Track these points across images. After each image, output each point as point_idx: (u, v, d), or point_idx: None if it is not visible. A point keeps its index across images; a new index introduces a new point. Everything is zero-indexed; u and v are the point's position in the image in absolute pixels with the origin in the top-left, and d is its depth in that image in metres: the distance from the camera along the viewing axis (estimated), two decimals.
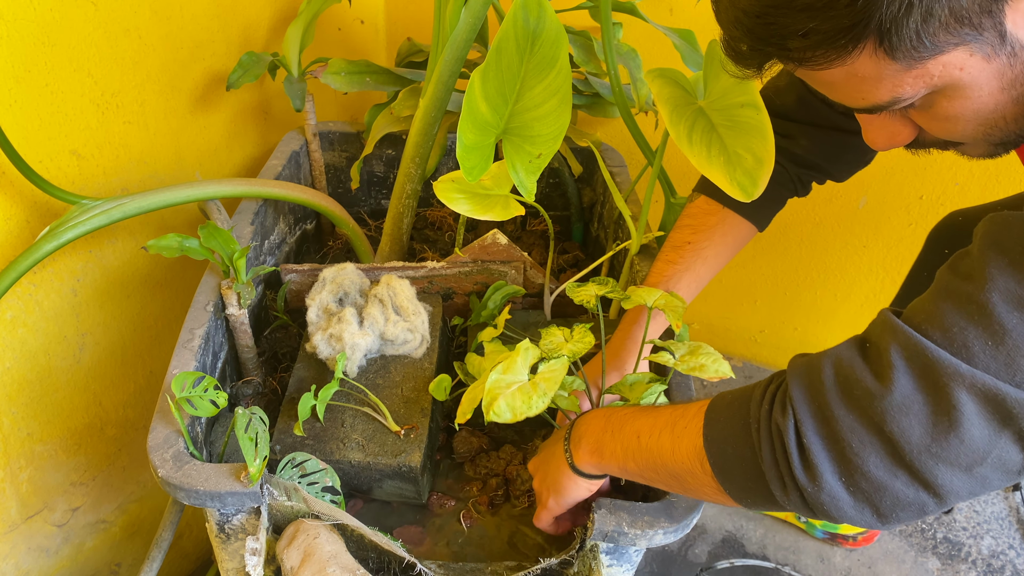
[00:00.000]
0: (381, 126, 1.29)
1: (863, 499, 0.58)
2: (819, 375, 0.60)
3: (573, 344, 0.85)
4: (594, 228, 1.39)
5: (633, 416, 0.77)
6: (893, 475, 0.56)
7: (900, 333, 0.56)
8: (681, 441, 0.69)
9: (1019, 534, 1.42)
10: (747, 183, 0.86)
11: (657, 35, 1.24)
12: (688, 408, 0.72)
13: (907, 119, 0.61)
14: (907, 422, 0.54)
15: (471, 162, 0.95)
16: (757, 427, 0.63)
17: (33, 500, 1.13)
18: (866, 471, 0.56)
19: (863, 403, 0.56)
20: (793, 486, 0.60)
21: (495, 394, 0.78)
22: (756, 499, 0.65)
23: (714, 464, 0.66)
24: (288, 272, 1.14)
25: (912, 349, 0.55)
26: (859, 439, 0.56)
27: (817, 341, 1.63)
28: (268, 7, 1.33)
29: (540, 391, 0.78)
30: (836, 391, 0.58)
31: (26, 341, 1.04)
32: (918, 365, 0.55)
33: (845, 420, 0.57)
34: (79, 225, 0.94)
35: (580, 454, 0.80)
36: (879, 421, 0.55)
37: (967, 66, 0.53)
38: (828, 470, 0.58)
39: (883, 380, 0.56)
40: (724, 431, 0.66)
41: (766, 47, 0.56)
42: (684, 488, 0.72)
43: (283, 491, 0.78)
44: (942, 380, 0.53)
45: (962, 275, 0.56)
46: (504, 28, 0.89)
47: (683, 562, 1.36)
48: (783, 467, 0.60)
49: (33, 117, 0.96)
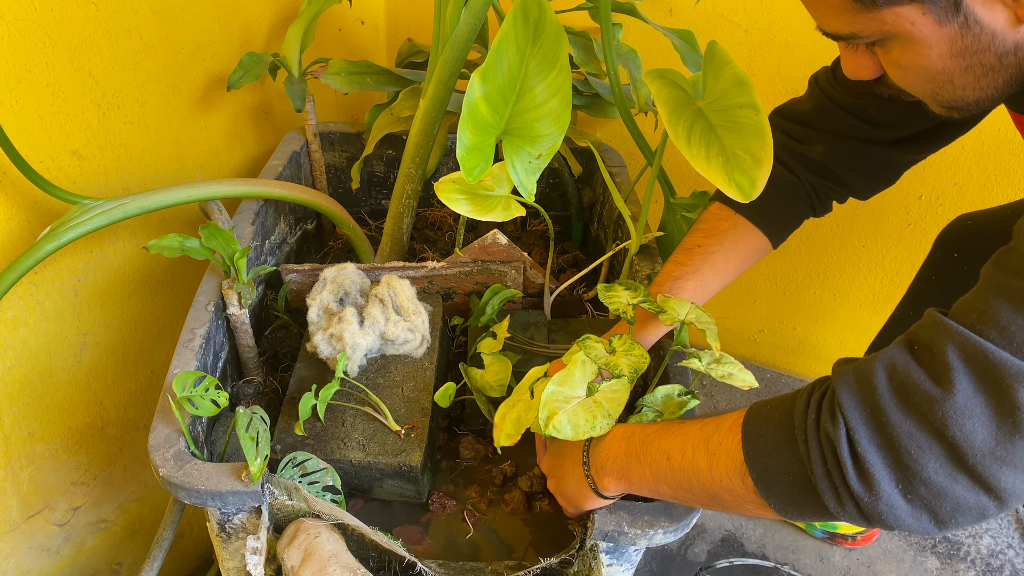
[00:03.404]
0: (381, 126, 1.29)
1: (922, 506, 0.56)
2: (870, 380, 0.58)
3: (629, 359, 0.82)
4: (594, 228, 1.40)
5: (657, 436, 0.74)
6: (954, 480, 0.55)
7: (956, 334, 0.55)
8: (718, 458, 0.67)
9: (1018, 534, 1.42)
10: (745, 184, 0.86)
11: (657, 36, 1.25)
12: (720, 423, 0.69)
13: (872, 55, 0.65)
14: (970, 425, 0.53)
15: (471, 163, 0.95)
16: (804, 437, 0.61)
17: (34, 499, 1.14)
18: (926, 477, 0.55)
19: (922, 408, 0.55)
20: (848, 496, 0.58)
21: (554, 409, 0.76)
22: (805, 512, 0.63)
23: (757, 479, 0.64)
24: (289, 272, 1.14)
25: (971, 350, 0.54)
26: (918, 445, 0.55)
27: (816, 341, 1.63)
28: (269, 8, 1.34)
29: (604, 411, 0.77)
30: (891, 396, 0.57)
31: (27, 341, 1.05)
32: (979, 367, 0.54)
33: (903, 426, 0.56)
34: (80, 225, 0.94)
35: (605, 481, 0.77)
36: (939, 426, 0.54)
37: (917, 22, 0.57)
38: (885, 478, 0.56)
39: (942, 383, 0.54)
40: (767, 444, 0.64)
41: None
42: (722, 506, 0.70)
43: (284, 490, 0.79)
44: (1005, 381, 0.52)
45: (1012, 271, 0.55)
46: (504, 28, 0.90)
47: (683, 561, 1.36)
48: (836, 477, 0.59)
49: (34, 117, 0.96)
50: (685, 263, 0.96)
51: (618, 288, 0.93)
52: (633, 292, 0.93)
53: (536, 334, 1.12)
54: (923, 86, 0.63)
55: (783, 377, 1.72)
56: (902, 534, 1.41)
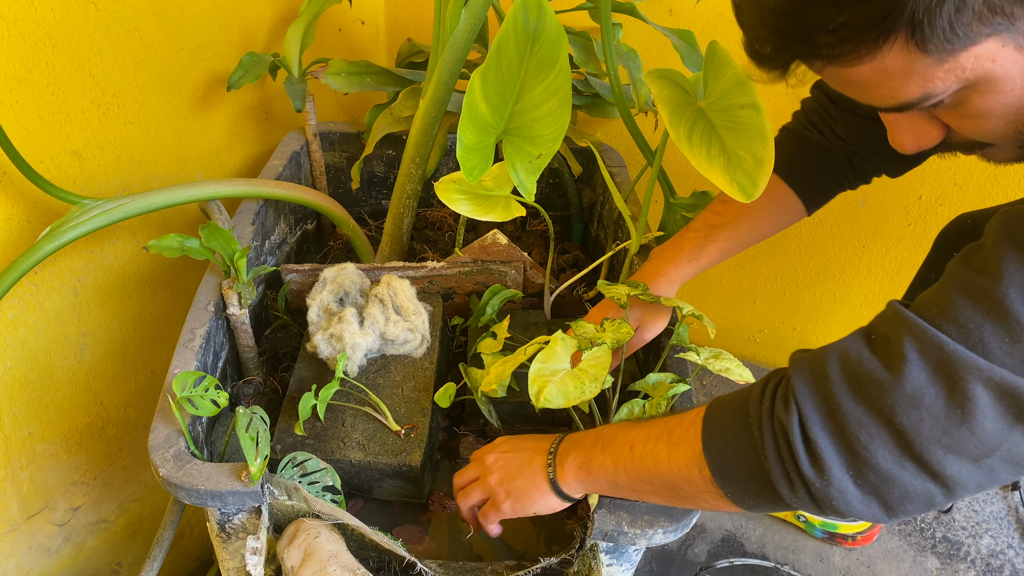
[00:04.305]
0: (381, 126, 1.29)
1: (871, 492, 0.57)
2: (823, 368, 0.59)
3: (613, 333, 0.86)
4: (594, 228, 1.40)
5: (626, 428, 0.75)
6: (901, 467, 0.56)
7: (914, 326, 0.56)
8: (678, 448, 0.68)
9: (1018, 533, 1.42)
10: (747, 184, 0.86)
11: (657, 36, 1.24)
12: (684, 416, 0.70)
13: (935, 119, 0.60)
14: (918, 414, 0.54)
15: (471, 162, 0.96)
16: (759, 424, 0.62)
17: (34, 499, 1.14)
18: (875, 463, 0.56)
19: (872, 395, 0.56)
20: (800, 482, 0.59)
21: (543, 382, 0.78)
22: (759, 500, 0.64)
23: (714, 468, 0.65)
24: (289, 272, 1.14)
25: (927, 342, 0.55)
26: (867, 431, 0.56)
27: (816, 341, 1.63)
28: (269, 8, 1.34)
29: (590, 377, 0.79)
30: (843, 383, 0.58)
31: (27, 341, 1.05)
32: (933, 358, 0.54)
33: (853, 412, 0.56)
34: (80, 225, 0.94)
35: (565, 470, 0.77)
36: (889, 413, 0.55)
37: (999, 57, 0.51)
38: (836, 463, 0.57)
39: (894, 371, 0.55)
40: (724, 433, 0.65)
41: (794, 45, 0.55)
42: (680, 498, 0.71)
43: (284, 490, 0.79)
44: (958, 373, 0.53)
45: (976, 269, 0.56)
46: (504, 29, 0.90)
47: (682, 561, 1.36)
48: (788, 463, 0.59)
49: (34, 117, 0.96)
50: (723, 213, 0.96)
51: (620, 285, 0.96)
52: (632, 288, 0.95)
53: (536, 334, 1.12)
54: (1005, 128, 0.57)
55: None
56: (902, 533, 1.41)
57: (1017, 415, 0.53)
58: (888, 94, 0.55)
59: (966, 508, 1.46)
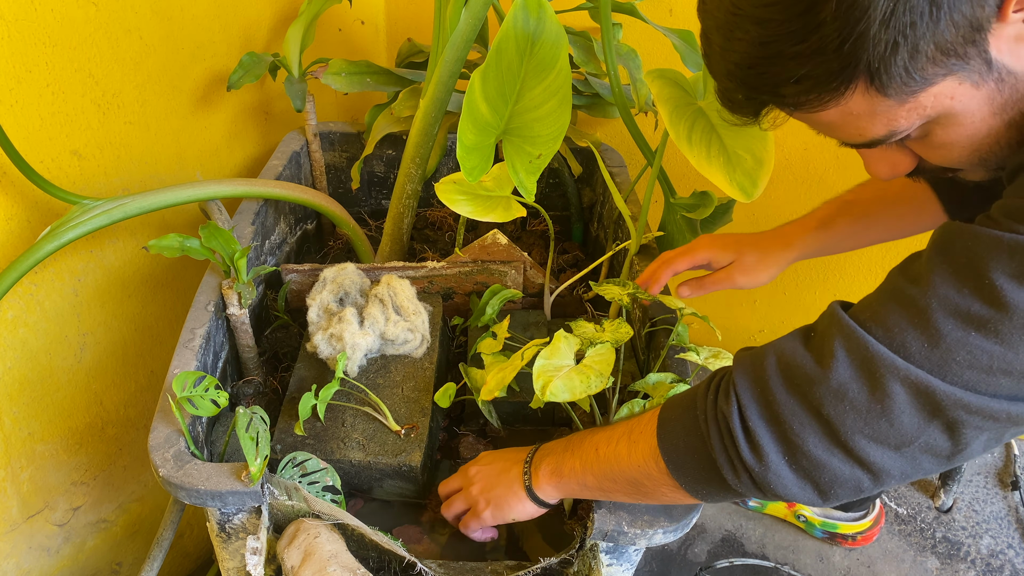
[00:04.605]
0: (381, 126, 1.29)
1: (805, 476, 0.62)
2: (762, 363, 0.64)
3: (614, 332, 0.88)
4: (594, 228, 1.40)
5: (592, 432, 0.80)
6: (830, 453, 0.60)
7: (845, 327, 0.60)
8: (637, 445, 0.73)
9: (1018, 534, 1.42)
10: (747, 184, 0.86)
11: (657, 36, 1.24)
12: (644, 415, 0.75)
13: (906, 149, 0.64)
14: (842, 406, 0.58)
15: (471, 163, 0.96)
16: (704, 417, 0.66)
17: (34, 499, 1.14)
18: (806, 450, 0.60)
19: (803, 388, 0.60)
20: (742, 467, 0.63)
21: (548, 377, 0.80)
22: (710, 488, 0.68)
23: (668, 460, 0.69)
24: (289, 272, 1.14)
25: (854, 342, 0.59)
26: (799, 420, 0.60)
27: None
28: (269, 8, 1.34)
29: (596, 372, 0.81)
30: (778, 377, 0.62)
31: (27, 341, 1.05)
32: (858, 357, 0.58)
33: (786, 403, 0.61)
34: (80, 225, 0.94)
35: (539, 475, 0.81)
36: (817, 404, 0.59)
37: (957, 94, 0.55)
38: (773, 450, 0.62)
39: (823, 367, 0.60)
40: (675, 427, 0.70)
41: (760, 95, 0.59)
42: (642, 492, 0.74)
43: (284, 490, 0.79)
44: (879, 371, 0.57)
45: (909, 277, 0.59)
46: (504, 29, 0.89)
47: (683, 561, 1.36)
48: (731, 451, 0.64)
49: (34, 117, 0.96)
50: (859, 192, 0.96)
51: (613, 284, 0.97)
52: (622, 287, 0.97)
53: (536, 334, 1.12)
54: (970, 156, 0.61)
55: None
56: (902, 533, 1.41)
57: (932, 411, 0.56)
58: (856, 133, 0.59)
59: (966, 508, 1.46)
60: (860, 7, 0.49)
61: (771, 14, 0.53)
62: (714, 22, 0.58)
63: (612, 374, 0.83)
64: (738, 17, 0.55)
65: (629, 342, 1.08)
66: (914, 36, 0.50)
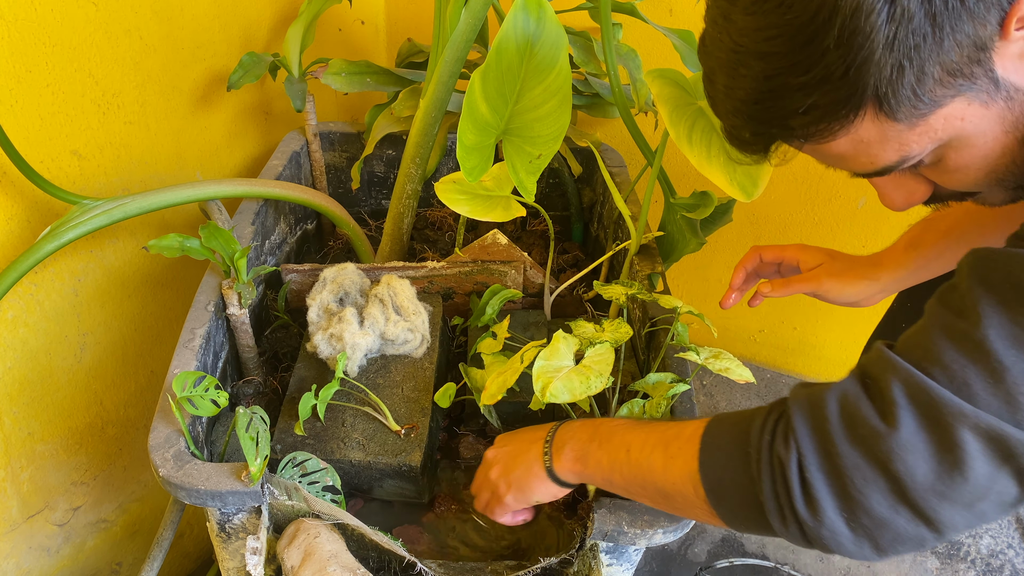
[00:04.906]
0: (381, 126, 1.29)
1: (863, 534, 0.58)
2: (823, 410, 0.60)
3: (613, 332, 0.87)
4: (594, 228, 1.40)
5: (623, 429, 0.76)
6: (895, 512, 0.57)
7: (901, 370, 0.57)
8: (674, 462, 0.69)
9: (1018, 534, 1.42)
10: (747, 183, 0.86)
11: (657, 36, 1.24)
12: (683, 428, 0.71)
13: (920, 176, 0.62)
14: (912, 460, 0.55)
15: (471, 163, 0.95)
16: (758, 457, 0.63)
17: (34, 499, 1.14)
18: (868, 507, 0.57)
19: (868, 441, 0.57)
20: (793, 519, 0.60)
21: (548, 378, 0.79)
22: (750, 525, 0.65)
23: (709, 489, 0.66)
24: (289, 272, 1.14)
25: (915, 387, 0.56)
26: (863, 476, 0.57)
27: (816, 341, 1.63)
28: (268, 8, 1.34)
29: (595, 373, 0.80)
30: (841, 427, 0.58)
31: (27, 341, 1.05)
32: (921, 404, 0.55)
33: (849, 457, 0.57)
34: (80, 225, 0.94)
35: (561, 460, 0.78)
36: (884, 459, 0.56)
37: (967, 115, 0.54)
38: (830, 506, 0.58)
39: (888, 419, 0.56)
40: (722, 459, 0.66)
41: (769, 129, 0.57)
42: (671, 506, 0.72)
43: (284, 490, 0.79)
44: (946, 420, 0.54)
45: (955, 311, 0.57)
46: (504, 29, 0.89)
47: (683, 561, 1.36)
48: (783, 500, 0.60)
49: (34, 117, 0.96)
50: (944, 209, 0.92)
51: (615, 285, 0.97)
52: (627, 287, 0.96)
53: (536, 334, 1.12)
54: (987, 178, 0.59)
55: (783, 377, 1.72)
56: None
57: (1003, 459, 0.54)
58: (867, 161, 0.58)
59: None
60: (862, 33, 0.49)
61: (774, 47, 0.52)
62: (716, 62, 0.58)
63: (612, 374, 0.83)
64: (740, 54, 0.54)
65: (629, 342, 1.08)
66: (919, 58, 0.50)
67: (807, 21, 0.50)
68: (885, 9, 0.48)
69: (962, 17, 0.49)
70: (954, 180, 0.60)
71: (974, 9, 0.49)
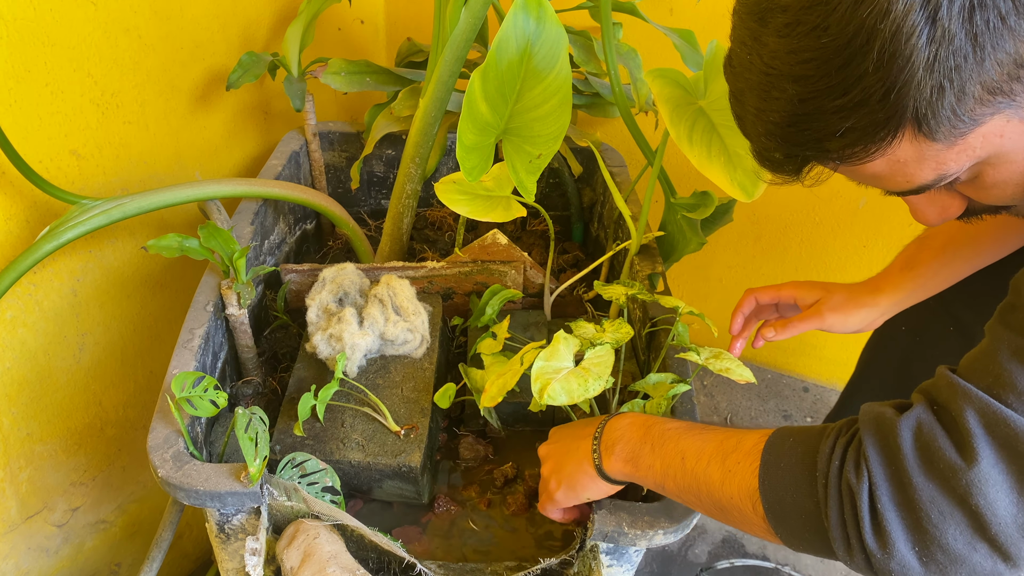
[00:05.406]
0: (381, 126, 1.29)
1: (937, 570, 0.56)
2: (896, 439, 0.58)
3: (614, 332, 0.87)
4: (594, 228, 1.39)
5: (677, 434, 0.74)
6: (973, 548, 0.55)
7: (975, 399, 0.55)
8: (733, 476, 0.67)
9: None
10: (747, 183, 0.86)
11: (657, 35, 1.24)
12: (742, 440, 0.69)
13: (954, 192, 0.61)
14: (993, 495, 0.54)
15: (471, 162, 0.95)
16: (825, 482, 0.61)
17: (33, 500, 1.13)
18: (944, 543, 0.55)
19: (946, 474, 0.55)
20: (860, 549, 0.59)
21: (546, 380, 0.79)
22: (810, 549, 0.64)
23: (769, 509, 0.65)
24: (288, 272, 1.14)
25: (991, 417, 0.54)
26: (939, 510, 0.55)
27: (816, 341, 1.63)
28: (268, 7, 1.33)
29: (594, 375, 0.79)
30: (916, 459, 0.57)
31: (26, 341, 1.04)
32: (1000, 435, 0.54)
33: (925, 490, 0.56)
34: (79, 225, 0.94)
35: (612, 460, 0.77)
36: (963, 493, 0.54)
37: (1006, 132, 0.53)
38: (902, 539, 0.57)
39: (966, 453, 0.55)
40: (784, 478, 0.64)
41: (804, 152, 0.56)
42: (727, 519, 0.70)
43: (283, 491, 0.78)
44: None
45: (1020, 331, 0.55)
46: (504, 28, 0.89)
47: (683, 562, 1.36)
48: (851, 529, 0.59)
49: (33, 117, 0.96)
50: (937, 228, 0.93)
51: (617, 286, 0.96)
52: (628, 287, 0.96)
53: (536, 334, 1.12)
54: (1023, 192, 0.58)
55: (783, 377, 1.72)
56: None
57: None
58: (904, 181, 0.56)
59: None
60: (902, 56, 0.48)
61: (809, 71, 0.51)
62: (746, 84, 0.56)
63: (612, 374, 0.83)
64: (772, 76, 0.53)
65: (630, 342, 1.08)
66: (960, 79, 0.49)
67: (844, 44, 0.49)
68: (926, 31, 0.47)
69: (1003, 36, 0.48)
70: (991, 196, 0.59)
71: (1015, 27, 0.48)
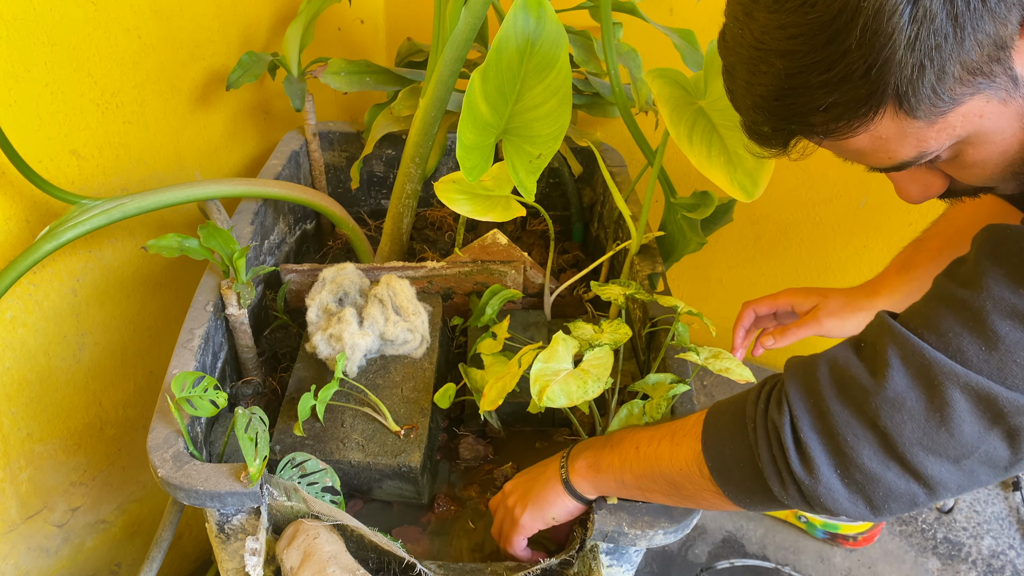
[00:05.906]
0: (381, 126, 1.29)
1: (857, 491, 0.60)
2: (814, 373, 0.62)
3: (612, 333, 0.87)
4: (594, 228, 1.39)
5: (633, 431, 0.79)
6: (885, 467, 0.59)
7: (897, 335, 0.59)
8: (680, 448, 0.72)
9: (1019, 534, 1.41)
10: (748, 183, 0.86)
11: (657, 35, 1.24)
12: (688, 418, 0.74)
13: (936, 170, 0.63)
14: (900, 417, 0.57)
15: (471, 162, 0.95)
16: (754, 426, 0.65)
17: (33, 500, 1.13)
18: (860, 463, 0.59)
19: (858, 399, 0.59)
20: (791, 480, 0.62)
21: (545, 382, 0.79)
22: (754, 498, 0.67)
23: (712, 467, 0.68)
24: (288, 272, 1.14)
25: (908, 350, 0.58)
26: (853, 432, 0.59)
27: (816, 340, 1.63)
28: (268, 7, 1.33)
29: (593, 376, 0.80)
30: (831, 387, 0.61)
31: (26, 341, 1.04)
32: (914, 364, 0.57)
33: (840, 415, 0.60)
34: (79, 225, 0.93)
35: (576, 468, 0.80)
36: (873, 416, 0.58)
37: (986, 112, 0.54)
38: (824, 463, 0.60)
39: (878, 377, 0.58)
40: (722, 433, 0.69)
41: (789, 125, 0.58)
42: (682, 495, 0.74)
43: (283, 491, 0.78)
44: (937, 379, 0.56)
45: (959, 282, 0.59)
46: (504, 28, 0.89)
47: (683, 562, 1.36)
48: (780, 462, 0.63)
49: (33, 117, 0.96)
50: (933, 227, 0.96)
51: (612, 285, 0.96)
52: (625, 287, 0.96)
53: (536, 334, 1.12)
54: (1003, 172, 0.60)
55: None
56: (903, 534, 1.40)
57: (993, 419, 0.55)
58: (886, 157, 0.59)
59: (967, 508, 1.45)
60: (884, 33, 0.49)
61: (795, 46, 0.53)
62: (737, 58, 0.58)
63: (611, 375, 0.83)
64: (762, 51, 0.55)
65: (629, 342, 1.08)
66: (940, 58, 0.50)
67: (829, 20, 0.51)
68: (908, 10, 0.49)
69: (983, 17, 0.50)
70: (971, 175, 0.61)
71: (995, 9, 0.50)
